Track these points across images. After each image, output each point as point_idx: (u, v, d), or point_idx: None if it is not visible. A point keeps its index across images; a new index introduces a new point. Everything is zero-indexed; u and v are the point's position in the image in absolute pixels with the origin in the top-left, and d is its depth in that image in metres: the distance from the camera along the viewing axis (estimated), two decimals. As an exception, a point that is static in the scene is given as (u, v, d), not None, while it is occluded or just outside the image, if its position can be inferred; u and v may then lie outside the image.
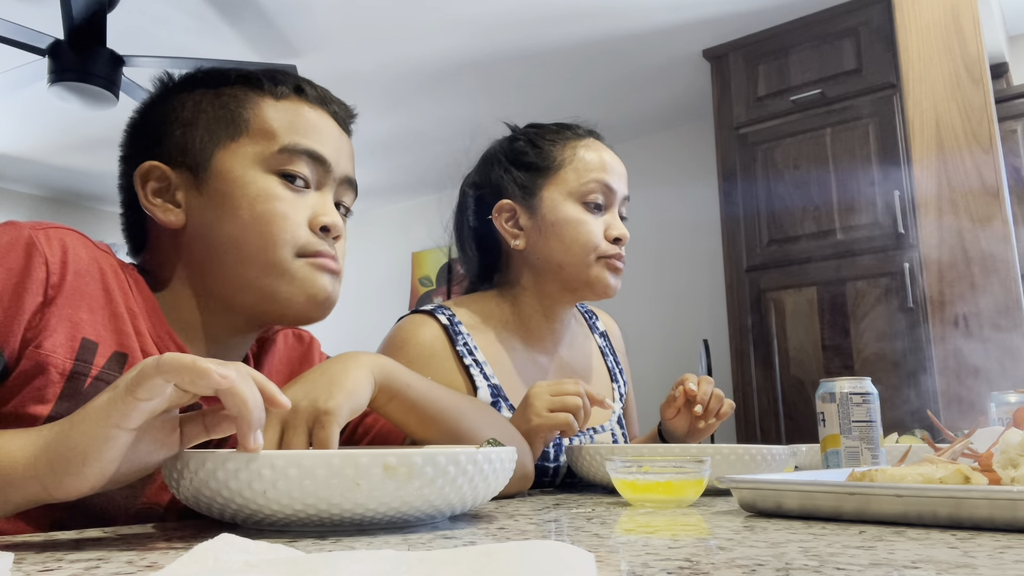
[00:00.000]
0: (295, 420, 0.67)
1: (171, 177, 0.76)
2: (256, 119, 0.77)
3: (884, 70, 2.73)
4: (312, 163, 0.77)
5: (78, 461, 0.50)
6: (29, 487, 0.52)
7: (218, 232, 0.74)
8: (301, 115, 0.78)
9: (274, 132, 0.76)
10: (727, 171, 3.05)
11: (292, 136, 0.76)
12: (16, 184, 4.88)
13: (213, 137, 0.76)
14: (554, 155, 1.15)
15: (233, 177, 0.75)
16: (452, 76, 3.46)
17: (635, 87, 3.61)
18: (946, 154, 2.55)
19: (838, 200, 2.75)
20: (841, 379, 0.94)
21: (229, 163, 0.75)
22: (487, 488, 0.61)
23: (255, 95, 0.78)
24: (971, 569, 0.40)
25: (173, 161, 0.76)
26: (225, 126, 0.76)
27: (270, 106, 0.77)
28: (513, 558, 0.35)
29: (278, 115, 0.77)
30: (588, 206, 1.12)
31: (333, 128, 0.81)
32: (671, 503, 0.76)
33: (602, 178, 1.12)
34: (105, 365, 0.67)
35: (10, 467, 0.53)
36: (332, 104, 0.82)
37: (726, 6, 2.95)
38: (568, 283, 1.13)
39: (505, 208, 1.15)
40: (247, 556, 0.37)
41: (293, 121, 0.77)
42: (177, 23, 2.99)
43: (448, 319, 1.11)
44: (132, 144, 0.81)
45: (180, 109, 0.78)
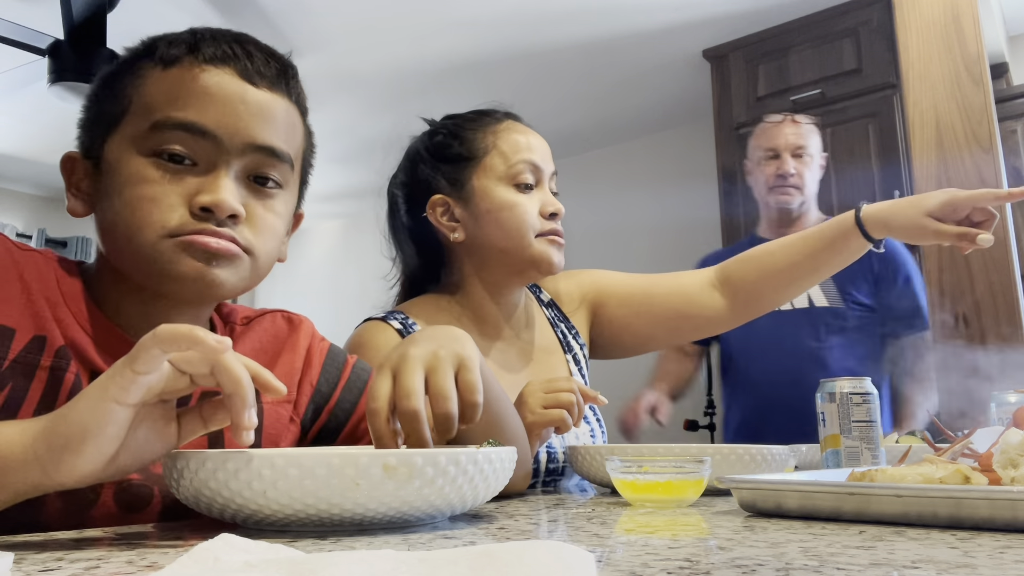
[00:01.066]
0: (440, 364, 0.66)
1: (88, 170, 0.73)
2: (137, 96, 0.69)
3: (884, 70, 2.73)
4: (192, 137, 0.68)
5: (77, 438, 0.50)
6: (29, 471, 0.52)
7: (103, 221, 0.71)
8: (185, 82, 0.69)
9: (150, 108, 0.68)
10: (727, 171, 3.05)
11: (166, 109, 0.67)
12: (16, 184, 4.88)
13: (101, 124, 0.72)
14: (477, 143, 1.15)
15: (116, 168, 0.69)
16: (452, 76, 3.46)
17: (635, 87, 3.61)
18: (946, 154, 2.55)
19: (838, 200, 2.75)
20: (841, 379, 0.93)
21: (114, 151, 0.70)
22: (487, 488, 0.61)
23: (145, 67, 0.71)
24: (971, 569, 0.40)
25: (84, 152, 0.74)
26: (112, 109, 0.71)
27: (155, 78, 0.69)
28: (513, 558, 0.35)
29: (159, 87, 0.69)
30: (519, 187, 1.13)
31: (233, 89, 0.69)
32: (671, 503, 0.76)
33: (528, 158, 1.14)
34: (23, 348, 0.66)
35: (8, 451, 0.52)
36: (239, 60, 0.71)
37: (726, 6, 2.95)
38: (513, 266, 1.13)
39: (438, 203, 1.15)
40: (247, 556, 0.37)
41: (173, 90, 0.68)
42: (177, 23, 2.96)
43: (401, 322, 1.11)
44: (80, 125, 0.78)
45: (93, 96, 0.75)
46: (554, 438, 1.14)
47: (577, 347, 1.26)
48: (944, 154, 2.55)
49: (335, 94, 3.59)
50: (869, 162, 2.70)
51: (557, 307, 1.30)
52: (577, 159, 4.37)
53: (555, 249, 1.14)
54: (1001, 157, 2.51)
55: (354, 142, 3.99)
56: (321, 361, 0.87)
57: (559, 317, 1.29)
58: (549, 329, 1.26)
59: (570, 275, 1.33)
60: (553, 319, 1.28)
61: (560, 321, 1.28)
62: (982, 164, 2.48)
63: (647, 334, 1.28)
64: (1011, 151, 2.86)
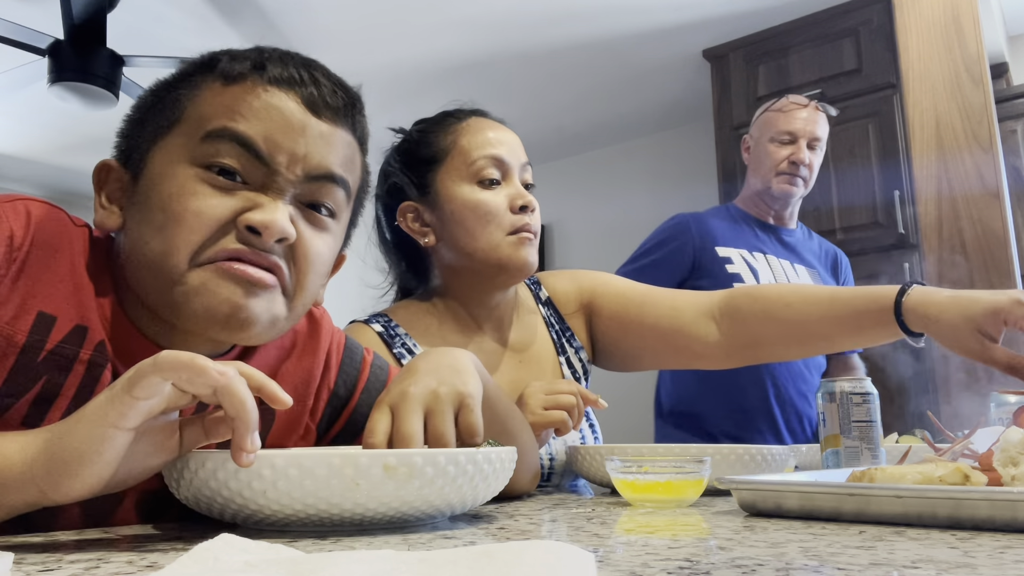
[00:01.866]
0: (439, 405, 0.65)
1: (123, 178, 0.68)
2: (192, 106, 0.65)
3: (884, 70, 2.73)
4: (246, 155, 0.63)
5: (75, 463, 0.49)
6: (26, 490, 0.51)
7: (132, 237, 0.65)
8: (247, 99, 0.64)
9: (204, 118, 0.64)
10: (727, 171, 3.05)
11: (223, 121, 0.63)
12: (16, 184, 4.88)
13: (151, 133, 0.66)
14: (439, 144, 1.12)
15: (160, 177, 0.64)
16: (452, 76, 3.46)
17: (635, 87, 3.61)
18: (946, 154, 2.55)
19: (838, 200, 2.75)
20: (841, 379, 0.93)
21: (159, 159, 0.65)
22: (487, 488, 0.61)
23: (204, 80, 0.66)
24: (971, 569, 0.40)
25: (123, 161, 0.69)
26: (161, 119, 0.66)
27: (215, 91, 0.65)
28: (513, 558, 0.35)
29: (219, 99, 0.64)
30: (483, 184, 1.08)
31: (297, 116, 0.65)
32: (671, 503, 0.76)
33: (489, 152, 1.09)
34: (63, 339, 0.62)
35: (7, 469, 0.51)
36: (305, 87, 0.66)
37: (726, 6, 2.95)
38: (484, 271, 1.10)
39: (408, 209, 1.13)
40: (247, 556, 0.37)
41: (232, 105, 0.64)
42: (177, 23, 2.99)
43: (384, 325, 1.10)
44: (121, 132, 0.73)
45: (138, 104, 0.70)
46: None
47: (572, 351, 1.22)
48: (944, 154, 2.55)
49: (335, 94, 3.58)
50: (869, 162, 2.70)
51: (554, 307, 1.25)
52: (577, 159, 4.37)
53: (527, 248, 1.09)
54: (1001, 157, 2.51)
55: (354, 142, 3.98)
56: (338, 361, 0.82)
57: (555, 317, 1.24)
58: (544, 329, 1.22)
59: (572, 276, 1.28)
60: (548, 318, 1.24)
61: (556, 322, 1.24)
62: (982, 164, 2.48)
63: (634, 354, 1.21)
64: (1011, 151, 2.86)
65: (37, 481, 0.51)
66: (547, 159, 4.42)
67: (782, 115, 1.93)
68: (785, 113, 1.93)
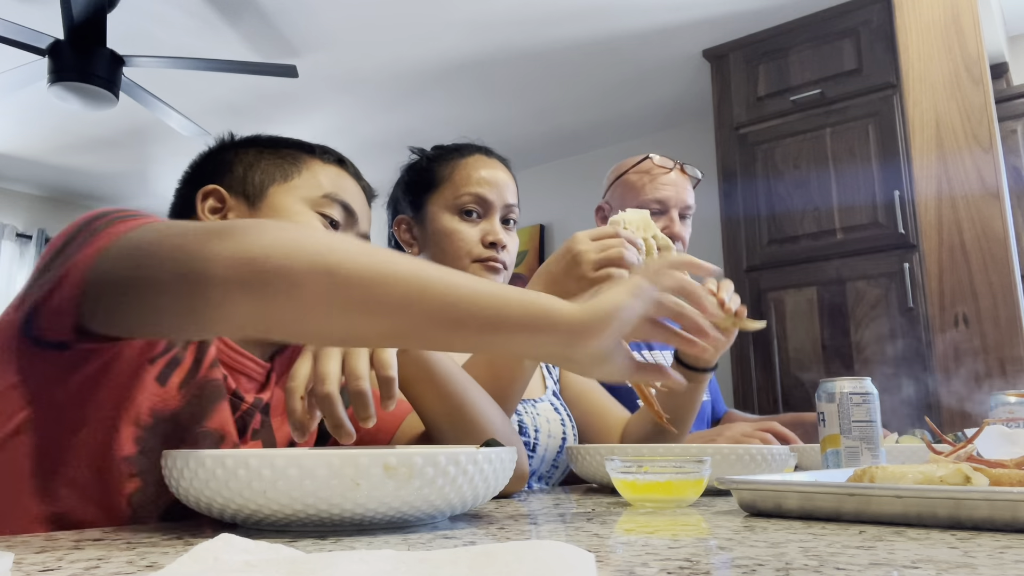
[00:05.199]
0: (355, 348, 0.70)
1: (227, 200, 0.88)
2: (307, 170, 0.91)
3: (884, 70, 2.73)
4: (344, 213, 0.91)
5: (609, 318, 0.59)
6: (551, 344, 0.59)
7: None
8: (342, 178, 0.94)
9: (320, 181, 0.91)
10: (727, 171, 3.05)
11: (334, 189, 0.91)
12: (16, 184, 4.88)
13: (271, 177, 0.90)
14: (439, 172, 1.25)
15: (282, 209, 0.87)
16: (452, 76, 3.46)
17: (635, 87, 3.61)
18: (946, 154, 2.55)
19: (838, 200, 2.75)
20: (841, 379, 0.93)
21: (280, 198, 0.88)
22: (487, 488, 0.61)
23: (308, 156, 0.93)
24: (971, 569, 0.40)
25: (232, 189, 0.89)
26: (283, 171, 0.90)
27: (319, 166, 0.93)
28: (513, 558, 0.35)
29: (324, 172, 0.93)
30: (463, 216, 1.21)
31: (362, 196, 0.96)
32: (671, 503, 0.76)
33: (475, 190, 1.21)
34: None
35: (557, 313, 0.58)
36: (363, 180, 0.98)
37: (726, 6, 2.95)
38: None
39: (403, 221, 1.29)
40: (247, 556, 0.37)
41: (335, 180, 0.92)
42: (177, 23, 2.99)
43: None
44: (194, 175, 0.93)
45: (242, 154, 0.92)
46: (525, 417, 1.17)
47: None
48: (944, 154, 2.55)
49: (335, 94, 3.58)
50: (869, 162, 2.70)
51: None
52: (577, 159, 4.37)
53: (489, 275, 1.20)
54: (1001, 157, 2.51)
55: (354, 142, 3.98)
56: None
57: None
58: None
59: None
60: None
61: None
62: (982, 164, 2.48)
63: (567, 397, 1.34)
64: (1011, 151, 2.86)
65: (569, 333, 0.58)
66: (547, 159, 4.43)
67: (647, 180, 1.66)
68: (652, 178, 1.66)
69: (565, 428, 1.22)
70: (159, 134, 4.00)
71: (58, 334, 0.62)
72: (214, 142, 0.98)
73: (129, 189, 4.93)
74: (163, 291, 0.56)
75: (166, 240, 0.58)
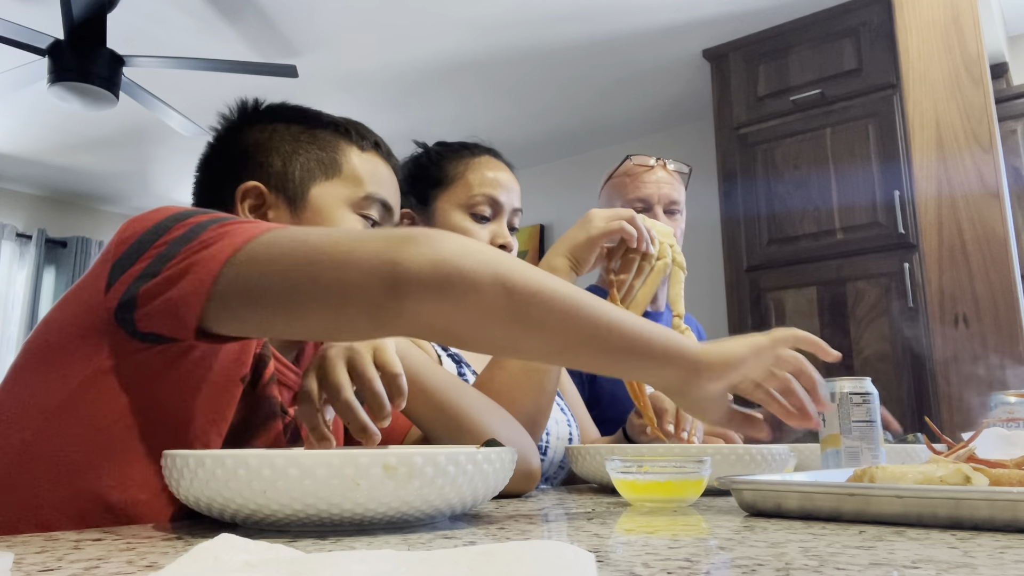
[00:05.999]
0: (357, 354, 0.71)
1: (267, 198, 0.86)
2: (348, 165, 0.90)
3: (884, 70, 2.73)
4: (381, 209, 0.91)
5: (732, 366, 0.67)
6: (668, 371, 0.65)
7: None
8: (378, 168, 0.92)
9: (362, 179, 0.90)
10: (727, 171, 3.05)
11: (374, 187, 0.90)
12: (16, 184, 4.88)
13: (312, 173, 0.87)
14: (449, 170, 1.24)
15: (326, 212, 0.87)
16: (452, 76, 3.46)
17: (635, 87, 3.61)
18: (946, 154, 2.55)
19: (838, 200, 2.75)
20: (841, 379, 0.93)
21: (323, 199, 0.87)
22: (487, 488, 0.61)
23: (345, 143, 0.91)
24: (971, 569, 0.40)
25: (271, 185, 0.86)
26: (323, 166, 0.88)
27: (357, 156, 0.91)
28: (513, 558, 0.35)
29: (364, 165, 0.91)
30: (475, 217, 1.21)
31: (394, 179, 0.95)
32: (671, 503, 0.76)
33: (489, 192, 1.21)
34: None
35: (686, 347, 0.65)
36: (392, 158, 0.96)
37: (726, 6, 2.95)
38: None
39: (405, 216, 1.26)
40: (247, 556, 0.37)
41: (374, 172, 0.91)
42: (177, 23, 2.99)
43: None
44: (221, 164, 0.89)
45: (275, 137, 0.88)
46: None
47: None
48: (944, 154, 2.55)
49: (335, 94, 3.58)
50: (869, 162, 2.70)
51: None
52: (577, 159, 4.37)
53: None
54: (1001, 157, 2.51)
55: (354, 142, 3.98)
56: None
57: None
58: None
59: None
60: None
61: None
62: (982, 164, 2.48)
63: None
64: (1011, 151, 2.86)
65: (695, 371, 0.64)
66: (547, 159, 4.43)
67: (629, 180, 1.65)
68: (633, 178, 1.65)
69: (571, 429, 1.22)
70: (159, 134, 4.00)
71: (172, 330, 0.64)
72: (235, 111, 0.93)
73: (129, 189, 4.93)
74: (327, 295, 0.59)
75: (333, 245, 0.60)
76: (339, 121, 0.93)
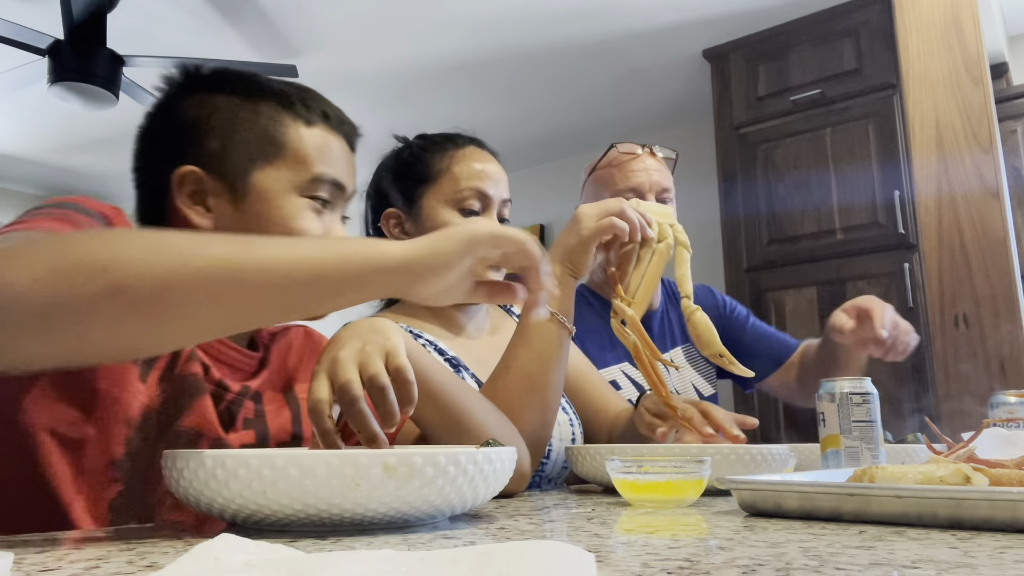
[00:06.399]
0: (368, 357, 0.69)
1: (207, 184, 0.80)
2: (292, 144, 0.83)
3: (884, 70, 2.73)
4: (333, 189, 0.84)
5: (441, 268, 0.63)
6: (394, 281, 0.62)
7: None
8: (327, 143, 0.85)
9: (308, 160, 0.83)
10: (727, 171, 3.05)
11: (322, 166, 0.83)
12: (16, 184, 4.88)
13: (252, 156, 0.81)
14: (434, 165, 1.20)
15: (270, 198, 0.81)
16: (452, 76, 3.46)
17: (635, 87, 3.61)
18: (946, 154, 2.55)
19: (838, 200, 2.75)
20: (841, 379, 0.93)
21: (267, 184, 0.81)
22: (487, 488, 0.61)
23: (289, 118, 0.83)
24: (971, 569, 0.40)
25: (209, 169, 0.80)
26: (264, 146, 0.81)
27: (304, 132, 0.83)
28: (513, 558, 0.35)
29: (311, 142, 0.84)
30: (464, 212, 1.16)
31: (347, 152, 0.88)
32: (671, 503, 0.76)
33: (476, 185, 1.17)
34: None
35: (387, 258, 0.61)
36: (345, 125, 0.89)
37: (726, 6, 2.95)
38: None
39: (391, 215, 1.22)
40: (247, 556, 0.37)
41: (322, 150, 0.84)
42: (177, 23, 2.99)
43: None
44: (160, 143, 0.83)
45: (215, 115, 0.81)
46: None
47: None
48: (944, 154, 2.55)
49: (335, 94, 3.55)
50: (869, 162, 2.70)
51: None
52: (577, 159, 4.36)
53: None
54: (1001, 157, 2.51)
55: (354, 142, 3.99)
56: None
57: None
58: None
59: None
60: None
61: None
62: (982, 164, 2.48)
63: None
64: (1011, 151, 2.86)
65: (407, 273, 0.62)
66: (547, 159, 4.43)
67: (616, 171, 1.55)
68: (621, 167, 1.55)
69: (574, 428, 1.22)
70: (159, 134, 4.00)
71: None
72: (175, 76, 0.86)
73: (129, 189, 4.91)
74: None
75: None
76: (283, 91, 0.85)
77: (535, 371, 0.98)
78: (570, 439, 1.20)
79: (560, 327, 1.00)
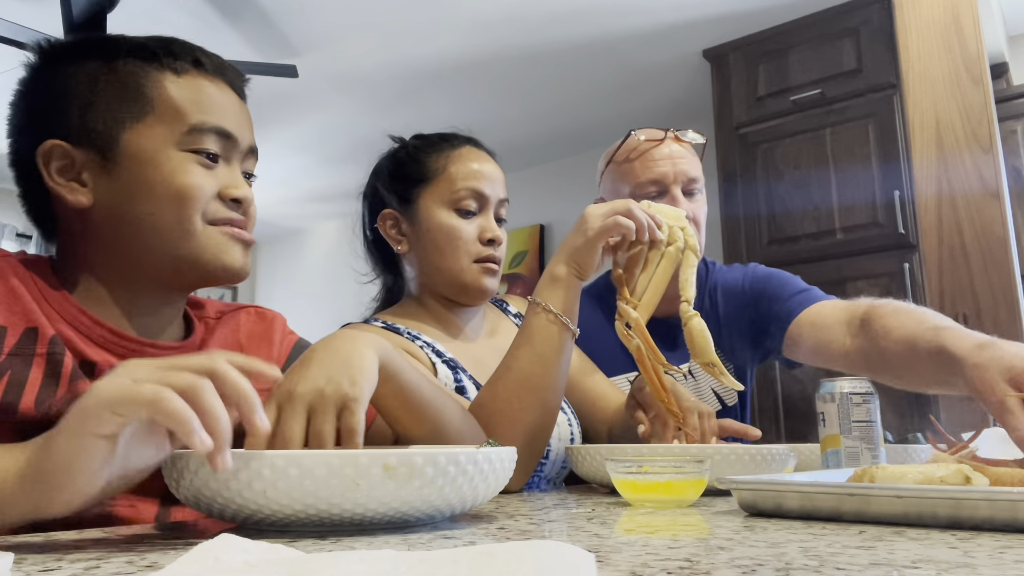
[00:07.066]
0: (322, 405, 0.67)
1: (75, 156, 0.75)
2: (161, 97, 0.76)
3: (884, 70, 2.73)
4: (220, 139, 0.78)
5: (62, 474, 0.50)
6: (21, 505, 0.52)
7: (132, 210, 0.75)
8: (203, 91, 0.78)
9: (182, 111, 0.76)
10: (727, 171, 3.05)
11: (199, 115, 0.77)
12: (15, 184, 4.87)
13: (117, 117, 0.75)
14: (430, 166, 1.19)
15: (146, 158, 0.75)
16: (452, 76, 3.46)
17: (635, 87, 3.61)
18: (946, 154, 2.55)
19: (838, 200, 2.75)
20: (841, 379, 0.93)
21: (140, 144, 0.75)
22: (487, 488, 0.61)
23: (155, 71, 0.77)
24: (971, 569, 0.40)
25: (75, 140, 0.75)
26: (129, 105, 0.75)
27: (172, 82, 0.77)
28: (513, 558, 0.35)
29: (182, 92, 0.77)
30: (461, 212, 1.16)
31: (234, 100, 0.81)
32: (671, 503, 0.76)
33: (472, 185, 1.17)
34: (17, 342, 0.70)
35: (4, 482, 0.52)
36: (228, 72, 0.81)
37: (726, 6, 2.95)
38: (448, 286, 1.18)
39: (388, 216, 1.22)
40: (247, 556, 0.37)
41: (197, 98, 0.77)
42: (177, 23, 2.99)
43: (382, 324, 1.15)
44: (24, 119, 0.79)
45: (74, 85, 0.76)
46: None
47: None
48: (944, 154, 2.55)
49: (335, 94, 3.58)
50: (869, 162, 2.70)
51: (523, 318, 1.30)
52: (577, 159, 4.37)
53: (488, 277, 1.17)
54: (1001, 157, 2.51)
55: (354, 142, 3.98)
56: (287, 355, 0.91)
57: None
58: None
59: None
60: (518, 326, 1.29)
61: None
62: (982, 164, 2.48)
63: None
64: (1011, 151, 2.86)
65: (31, 495, 0.51)
66: (547, 159, 4.43)
67: (637, 161, 1.40)
68: (641, 156, 1.40)
69: (572, 428, 1.22)
70: (159, 134, 4.00)
71: None
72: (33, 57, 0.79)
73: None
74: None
75: None
76: (142, 44, 0.77)
77: (536, 372, 0.98)
78: (568, 439, 1.20)
79: (563, 328, 1.00)
